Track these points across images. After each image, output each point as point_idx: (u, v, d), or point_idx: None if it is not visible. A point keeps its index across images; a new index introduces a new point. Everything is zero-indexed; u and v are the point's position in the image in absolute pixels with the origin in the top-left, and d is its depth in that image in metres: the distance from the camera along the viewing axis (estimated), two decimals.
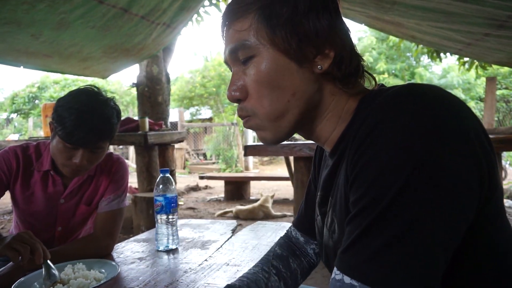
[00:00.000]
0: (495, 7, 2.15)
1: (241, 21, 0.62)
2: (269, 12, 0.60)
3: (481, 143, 0.49)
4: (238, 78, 0.64)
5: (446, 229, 0.46)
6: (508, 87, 12.64)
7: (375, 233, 0.47)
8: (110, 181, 1.36)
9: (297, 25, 0.59)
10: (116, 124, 1.24)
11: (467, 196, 0.47)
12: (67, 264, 1.07)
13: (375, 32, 13.04)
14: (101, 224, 1.31)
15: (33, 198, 1.30)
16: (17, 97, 16.80)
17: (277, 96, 0.61)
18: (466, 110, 0.50)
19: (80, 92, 1.21)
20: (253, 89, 0.63)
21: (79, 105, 1.15)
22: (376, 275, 0.46)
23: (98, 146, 1.20)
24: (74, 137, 1.14)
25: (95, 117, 1.16)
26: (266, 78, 0.61)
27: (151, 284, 1.00)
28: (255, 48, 0.61)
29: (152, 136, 3.45)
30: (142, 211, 3.42)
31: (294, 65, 0.60)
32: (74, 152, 1.18)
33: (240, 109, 0.65)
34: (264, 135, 0.66)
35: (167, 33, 3.44)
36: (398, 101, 0.50)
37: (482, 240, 0.52)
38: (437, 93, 0.50)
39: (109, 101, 1.24)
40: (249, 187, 6.40)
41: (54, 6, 2.30)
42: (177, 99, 15.55)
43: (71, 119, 1.13)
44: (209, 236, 1.48)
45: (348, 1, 2.83)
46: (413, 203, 0.45)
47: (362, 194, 0.49)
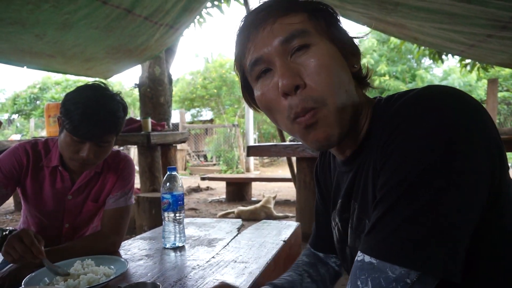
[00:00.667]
0: (498, 8, 2.16)
1: (293, 16, 0.63)
2: (323, 13, 0.65)
3: (495, 139, 0.53)
4: (290, 67, 0.61)
5: (461, 210, 0.49)
6: (509, 89, 12.64)
7: (394, 213, 0.51)
8: (117, 178, 1.37)
9: (341, 28, 0.67)
10: (122, 118, 1.25)
11: (480, 183, 0.51)
12: (76, 260, 1.07)
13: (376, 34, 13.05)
14: (108, 221, 1.32)
15: (42, 194, 1.31)
16: (18, 98, 16.83)
17: (339, 84, 0.61)
18: (481, 109, 0.54)
19: (87, 87, 1.23)
20: (316, 75, 0.60)
21: (86, 99, 1.17)
22: (392, 251, 0.49)
23: (105, 140, 1.22)
24: (81, 130, 1.16)
25: (101, 111, 1.17)
26: (330, 64, 0.61)
27: (160, 280, 1.01)
28: (315, 37, 0.63)
29: (155, 136, 3.46)
30: (145, 211, 3.42)
31: (344, 61, 0.65)
32: (81, 146, 1.19)
33: (303, 100, 0.60)
34: (331, 131, 0.62)
35: (169, 34, 3.45)
36: (421, 100, 0.55)
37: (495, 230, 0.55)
38: (456, 92, 0.55)
39: (116, 95, 1.26)
40: (250, 188, 6.40)
41: (59, 6, 2.31)
42: (178, 100, 15.56)
43: (78, 113, 1.15)
44: (215, 234, 1.48)
45: (352, 2, 2.84)
46: (431, 187, 0.49)
47: (386, 180, 0.53)
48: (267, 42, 0.63)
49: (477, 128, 0.51)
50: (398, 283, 0.49)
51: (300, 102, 0.60)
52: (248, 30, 0.65)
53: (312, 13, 0.64)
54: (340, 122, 0.62)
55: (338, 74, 0.62)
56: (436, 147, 0.50)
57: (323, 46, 0.62)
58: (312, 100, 0.60)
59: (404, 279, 0.49)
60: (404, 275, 0.49)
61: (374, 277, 0.50)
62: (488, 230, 0.54)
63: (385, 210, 0.52)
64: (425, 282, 0.49)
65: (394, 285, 0.49)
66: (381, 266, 0.50)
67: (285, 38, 0.62)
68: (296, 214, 3.72)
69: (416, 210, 0.49)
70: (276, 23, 0.63)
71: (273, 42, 0.62)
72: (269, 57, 0.63)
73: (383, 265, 0.50)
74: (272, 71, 0.64)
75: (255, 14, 0.65)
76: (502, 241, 0.55)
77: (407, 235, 0.49)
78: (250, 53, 0.65)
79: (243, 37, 0.66)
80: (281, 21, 0.63)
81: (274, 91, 0.63)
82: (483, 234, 0.53)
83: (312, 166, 3.51)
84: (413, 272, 0.48)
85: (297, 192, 3.68)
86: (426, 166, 0.49)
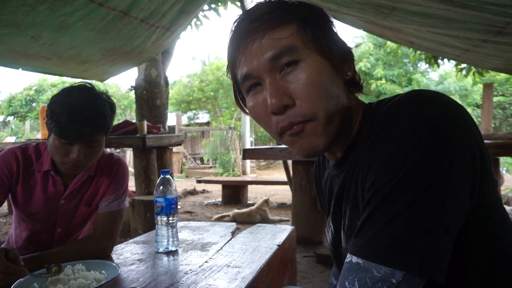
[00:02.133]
0: (493, 13, 2.17)
1: (280, 30, 0.62)
2: (311, 24, 0.64)
3: (477, 142, 0.54)
4: (279, 85, 0.62)
5: (445, 210, 0.50)
6: (504, 94, 12.73)
7: (380, 214, 0.52)
8: (110, 182, 1.36)
9: (332, 36, 0.66)
10: (110, 116, 1.23)
11: (462, 184, 0.52)
12: (67, 264, 1.06)
13: (372, 38, 13.12)
14: (101, 225, 1.31)
15: (33, 199, 1.29)
16: (14, 100, 16.74)
17: (328, 98, 0.62)
18: (465, 113, 0.56)
19: (73, 88, 1.21)
20: (305, 92, 0.61)
21: (71, 99, 1.15)
22: (377, 250, 0.50)
23: (93, 140, 1.19)
24: (68, 132, 1.14)
25: (87, 110, 1.15)
26: (319, 80, 0.62)
27: (151, 285, 1.00)
28: (303, 53, 0.62)
29: (150, 139, 3.45)
30: (140, 214, 3.40)
31: (334, 71, 0.65)
32: (70, 148, 1.17)
33: (292, 116, 0.62)
34: (316, 142, 0.63)
35: (166, 37, 3.45)
36: (405, 104, 0.56)
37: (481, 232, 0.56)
38: (440, 96, 0.56)
39: (102, 94, 1.24)
40: (246, 191, 6.39)
41: (55, 8, 2.30)
42: (175, 103, 15.55)
43: (64, 114, 1.13)
44: (208, 238, 1.47)
45: (348, 6, 2.84)
46: (415, 187, 0.50)
47: (373, 182, 0.54)
48: (256, 58, 0.63)
49: (459, 130, 0.52)
50: (384, 283, 0.49)
51: (287, 118, 0.62)
52: (239, 40, 0.65)
53: (302, 23, 0.64)
54: (328, 133, 0.63)
55: (328, 88, 0.62)
56: (418, 149, 0.51)
57: (311, 62, 0.62)
58: (300, 115, 0.62)
59: (390, 278, 0.49)
60: (389, 275, 0.49)
61: (360, 277, 0.51)
62: (473, 232, 0.55)
63: (371, 211, 0.53)
64: (411, 283, 0.49)
65: (379, 285, 0.49)
66: (367, 266, 0.51)
67: (274, 55, 0.62)
68: (292, 218, 3.71)
69: (400, 211, 0.50)
70: (265, 37, 0.62)
71: (262, 59, 0.62)
72: (258, 73, 0.63)
73: (369, 265, 0.51)
74: (262, 86, 0.64)
75: (247, 23, 0.64)
76: (488, 242, 0.56)
77: (391, 235, 0.50)
78: (240, 65, 0.65)
79: (234, 47, 0.66)
80: (270, 35, 0.62)
81: (263, 107, 0.64)
82: (468, 236, 0.54)
83: (308, 169, 3.51)
84: (398, 271, 0.49)
85: (292, 195, 3.68)
86: (409, 167, 0.51)
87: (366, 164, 0.58)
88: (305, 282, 2.68)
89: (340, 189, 0.71)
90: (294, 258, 1.60)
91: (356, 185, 0.65)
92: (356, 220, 0.66)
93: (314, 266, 3.00)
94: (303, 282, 2.68)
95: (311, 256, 3.20)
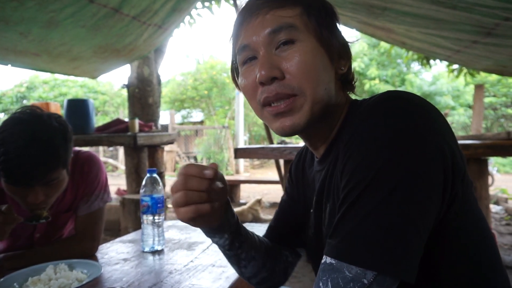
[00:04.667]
0: (483, 14, 2.18)
1: (287, 10, 0.65)
2: (316, 12, 0.66)
3: (448, 142, 0.54)
4: (272, 58, 0.64)
5: (415, 210, 0.50)
6: (496, 94, 12.85)
7: (351, 215, 0.52)
8: (84, 183, 1.28)
9: (334, 29, 0.68)
10: (63, 146, 1.08)
11: (433, 185, 0.52)
12: (49, 264, 1.04)
13: (366, 38, 13.16)
14: (82, 228, 1.27)
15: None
16: (4, 97, 16.57)
17: (318, 81, 0.64)
18: (437, 114, 0.56)
19: (14, 122, 1.04)
20: (296, 69, 0.63)
21: (15, 138, 0.99)
22: (348, 251, 0.50)
23: (50, 179, 1.06)
24: (18, 179, 1.00)
25: (33, 150, 0.99)
26: (313, 61, 0.63)
27: (135, 285, 0.99)
28: (302, 34, 0.64)
29: (141, 138, 3.43)
30: (130, 213, 3.38)
31: (328, 61, 0.66)
32: (27, 192, 1.05)
33: (281, 87, 0.63)
34: (298, 120, 0.64)
35: (158, 34, 3.42)
36: (378, 105, 0.57)
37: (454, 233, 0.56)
38: (411, 98, 0.56)
39: (49, 120, 1.07)
40: (239, 190, 6.39)
41: (44, 4, 2.27)
42: (169, 101, 15.49)
43: (9, 159, 0.98)
44: (196, 237, 1.46)
45: (340, 6, 2.85)
46: (384, 188, 0.50)
47: (345, 183, 0.55)
48: (256, 31, 0.65)
49: (429, 132, 0.53)
50: (355, 283, 0.49)
51: (275, 89, 0.63)
52: (244, 14, 0.67)
53: (307, 9, 0.66)
54: (312, 113, 0.64)
55: (319, 72, 0.64)
56: (388, 150, 0.51)
57: (308, 44, 0.64)
58: (289, 87, 0.63)
59: (361, 279, 0.49)
60: (361, 275, 0.49)
61: (333, 278, 0.51)
62: (445, 233, 0.55)
63: (343, 212, 0.53)
64: (383, 283, 0.49)
65: (351, 285, 0.49)
66: (339, 266, 0.51)
67: (273, 29, 0.64)
68: None
69: (370, 211, 0.50)
70: (269, 14, 0.65)
71: (262, 32, 0.64)
72: (256, 46, 0.65)
73: (341, 265, 0.51)
74: (257, 60, 0.66)
75: (255, 1, 0.67)
76: (459, 243, 0.57)
77: (362, 235, 0.50)
78: (240, 38, 0.68)
79: (239, 20, 0.68)
80: (274, 12, 0.65)
81: (253, 78, 0.66)
82: (439, 236, 0.55)
83: None
84: (369, 272, 0.49)
85: None
86: (378, 168, 0.51)
87: (341, 165, 0.58)
88: (294, 281, 2.69)
89: (321, 185, 0.71)
90: None
91: (336, 184, 0.65)
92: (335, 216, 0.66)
93: (304, 265, 3.00)
94: (293, 281, 2.69)
95: None
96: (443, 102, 12.58)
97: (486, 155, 2.79)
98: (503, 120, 13.36)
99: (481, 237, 0.59)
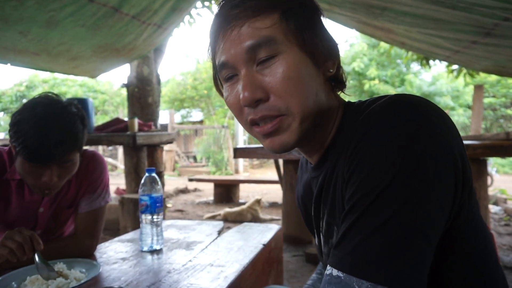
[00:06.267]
0: (482, 15, 2.18)
1: (261, 19, 0.59)
2: (295, 15, 0.61)
3: (459, 151, 0.53)
4: (254, 78, 0.60)
5: (427, 222, 0.48)
6: (495, 95, 12.86)
7: (360, 226, 0.50)
8: (88, 181, 1.29)
9: (317, 30, 0.63)
10: (81, 130, 1.13)
11: (444, 194, 0.50)
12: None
13: (366, 38, 13.17)
14: (82, 225, 1.27)
15: (10, 208, 1.21)
16: (3, 96, 16.55)
17: (305, 95, 0.60)
18: (447, 120, 0.54)
19: (36, 104, 1.09)
20: (281, 87, 0.59)
21: (37, 118, 1.04)
22: (358, 264, 0.48)
23: (67, 160, 1.10)
24: (38, 156, 1.03)
25: (55, 130, 1.04)
26: (297, 76, 0.59)
27: (133, 284, 0.99)
28: (282, 45, 0.60)
29: (140, 137, 3.42)
30: (129, 212, 3.38)
31: (314, 67, 0.62)
32: (42, 171, 1.07)
33: (266, 109, 0.60)
34: (288, 139, 0.62)
35: (158, 34, 3.42)
36: (387, 110, 0.54)
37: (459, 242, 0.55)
38: (421, 103, 0.54)
39: (70, 106, 1.12)
40: (238, 190, 6.38)
41: (43, 3, 2.27)
42: (168, 101, 15.48)
43: (31, 136, 1.02)
44: (194, 237, 1.46)
45: (340, 6, 2.85)
46: (396, 198, 0.48)
47: (353, 192, 0.52)
48: (233, 46, 0.61)
49: (442, 138, 0.51)
50: None
51: (260, 111, 0.60)
52: (219, 26, 0.63)
53: (285, 13, 0.60)
54: (301, 131, 0.61)
55: (305, 85, 0.60)
56: (400, 159, 0.49)
57: (290, 56, 0.60)
58: (275, 109, 0.60)
59: None
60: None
61: None
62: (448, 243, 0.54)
63: (351, 223, 0.51)
64: None
65: None
66: (347, 280, 0.49)
67: (252, 46, 0.59)
68: (282, 217, 3.71)
69: (381, 224, 0.48)
70: (245, 25, 0.60)
71: (239, 48, 0.60)
72: (235, 64, 0.61)
73: (350, 279, 0.48)
74: (238, 77, 0.62)
75: (228, 8, 0.62)
76: (464, 252, 0.55)
77: (373, 248, 0.48)
78: (219, 52, 0.63)
79: (215, 32, 0.64)
80: (250, 23, 0.59)
81: (237, 98, 0.62)
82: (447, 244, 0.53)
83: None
84: (380, 286, 0.47)
85: (283, 195, 3.68)
86: (390, 178, 0.49)
87: (347, 173, 0.55)
88: (294, 281, 2.69)
89: (318, 192, 0.69)
90: (281, 257, 1.60)
91: (335, 190, 0.63)
92: (333, 224, 0.65)
93: (303, 265, 3.00)
94: (292, 281, 2.69)
95: (300, 256, 3.21)
96: (442, 102, 12.59)
97: (485, 155, 2.80)
98: (502, 120, 13.37)
99: (482, 247, 0.57)
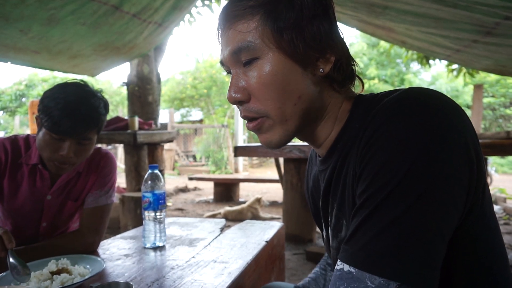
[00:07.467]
0: (483, 13, 2.19)
1: (244, 23, 0.61)
2: (276, 15, 0.60)
3: (474, 146, 0.52)
4: (239, 80, 0.63)
5: (441, 218, 0.48)
6: (494, 95, 12.88)
7: (373, 222, 0.49)
8: (97, 176, 1.34)
9: (303, 29, 0.60)
10: (104, 114, 1.22)
11: (458, 190, 0.50)
12: (51, 259, 1.04)
13: (366, 38, 13.18)
14: (87, 221, 1.29)
15: (19, 193, 1.27)
16: (3, 95, 16.53)
17: (285, 99, 0.61)
18: (462, 114, 0.53)
19: (67, 84, 1.19)
20: (258, 91, 0.62)
21: (66, 95, 1.14)
22: (371, 260, 0.48)
23: (86, 137, 1.18)
24: (61, 127, 1.11)
25: (82, 106, 1.14)
26: (272, 80, 0.61)
27: (137, 280, 0.99)
28: (260, 50, 0.61)
29: (141, 135, 3.42)
30: (130, 210, 3.38)
31: (299, 68, 0.61)
32: (60, 144, 1.15)
33: (247, 110, 0.64)
34: (271, 138, 0.65)
35: (158, 32, 3.42)
36: (402, 103, 0.53)
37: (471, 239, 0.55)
38: (437, 96, 0.53)
39: (97, 92, 1.23)
40: (238, 189, 6.38)
41: (44, 1, 2.27)
42: (168, 100, 15.47)
43: (58, 109, 1.11)
44: (197, 234, 1.47)
45: (341, 4, 2.85)
46: (410, 193, 0.48)
47: (366, 187, 0.52)
48: (224, 48, 0.65)
49: (457, 133, 0.50)
50: None
51: (243, 110, 0.65)
52: (217, 27, 0.67)
53: (266, 15, 0.60)
54: (286, 129, 0.64)
55: (283, 89, 0.61)
56: (414, 154, 0.49)
57: (268, 60, 0.61)
58: (254, 111, 0.64)
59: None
60: (384, 286, 0.47)
61: (353, 287, 0.49)
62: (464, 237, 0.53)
63: (364, 218, 0.50)
64: None
65: None
66: (360, 276, 0.48)
67: (233, 50, 0.62)
68: (283, 215, 3.72)
69: (395, 218, 0.48)
70: (231, 29, 0.63)
71: (227, 51, 0.64)
72: (227, 64, 0.66)
73: (362, 274, 0.48)
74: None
75: (224, 10, 0.65)
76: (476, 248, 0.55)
77: (386, 244, 0.47)
78: (220, 50, 0.68)
79: (216, 29, 0.68)
80: (235, 27, 0.62)
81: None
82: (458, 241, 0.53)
83: (299, 167, 3.51)
84: (392, 282, 0.47)
85: (284, 193, 3.68)
86: (404, 173, 0.48)
87: (359, 167, 0.55)
88: (294, 279, 2.69)
89: (327, 185, 0.69)
90: (283, 255, 1.60)
91: (345, 183, 0.62)
92: (342, 218, 0.64)
93: (304, 264, 3.01)
94: (293, 279, 2.69)
95: (301, 254, 3.21)
96: None
97: (485, 154, 2.80)
98: (502, 120, 13.39)
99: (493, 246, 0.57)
